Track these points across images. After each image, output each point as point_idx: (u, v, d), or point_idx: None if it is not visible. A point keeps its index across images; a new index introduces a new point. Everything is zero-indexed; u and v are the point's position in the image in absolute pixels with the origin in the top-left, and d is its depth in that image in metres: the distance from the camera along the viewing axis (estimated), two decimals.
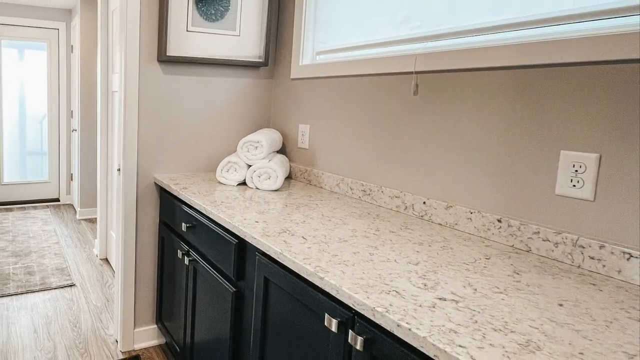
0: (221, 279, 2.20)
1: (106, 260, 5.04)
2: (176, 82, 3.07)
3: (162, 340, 3.33)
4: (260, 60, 3.21)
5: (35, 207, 7.14)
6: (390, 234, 1.89)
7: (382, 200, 2.39)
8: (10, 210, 6.91)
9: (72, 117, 7.22)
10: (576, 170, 1.58)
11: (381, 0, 2.46)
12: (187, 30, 2.95)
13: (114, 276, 4.58)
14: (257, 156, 2.81)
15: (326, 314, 1.42)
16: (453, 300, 1.27)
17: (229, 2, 3.01)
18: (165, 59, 2.94)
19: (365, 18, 2.58)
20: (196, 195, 2.47)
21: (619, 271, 1.47)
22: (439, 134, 2.12)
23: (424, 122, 2.18)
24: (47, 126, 7.33)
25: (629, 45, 1.43)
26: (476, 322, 1.14)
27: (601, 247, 1.51)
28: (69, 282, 4.34)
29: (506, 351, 1.02)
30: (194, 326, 2.56)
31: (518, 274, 1.50)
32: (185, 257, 2.56)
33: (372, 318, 1.22)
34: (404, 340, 1.17)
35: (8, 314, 3.67)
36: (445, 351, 1.02)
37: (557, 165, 1.65)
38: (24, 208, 7.06)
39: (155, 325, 3.29)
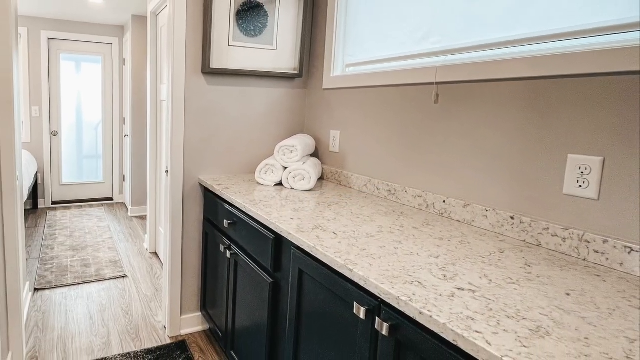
0: (260, 271, 2.22)
1: (155, 253, 5.06)
2: (219, 92, 3.09)
3: (206, 327, 3.35)
4: (295, 72, 3.21)
5: (91, 206, 7.18)
6: (413, 230, 1.89)
7: (405, 199, 2.39)
8: (69, 208, 6.96)
9: (124, 124, 7.25)
10: (582, 172, 1.58)
11: (404, 17, 2.46)
12: (228, 45, 2.97)
13: (162, 268, 4.60)
14: (292, 159, 2.82)
15: (355, 303, 1.44)
16: (470, 290, 1.28)
17: (267, 19, 3.03)
18: (208, 71, 2.97)
19: (390, 34, 2.56)
20: (237, 195, 2.49)
21: (621, 264, 1.47)
22: (457, 139, 2.11)
23: (444, 128, 2.18)
24: (102, 132, 7.36)
25: (631, 58, 1.43)
26: (491, 310, 1.15)
27: (605, 241, 1.51)
28: (121, 274, 4.37)
29: (518, 336, 1.03)
30: (235, 313, 2.57)
31: (529, 266, 1.50)
32: (227, 251, 2.58)
33: (396, 306, 1.24)
34: (425, 327, 1.18)
35: (66, 303, 3.73)
36: (463, 336, 1.03)
37: (564, 167, 1.65)
38: (80, 206, 7.10)
39: (200, 313, 3.32)
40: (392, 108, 2.52)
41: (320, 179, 3.16)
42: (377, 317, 1.34)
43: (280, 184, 2.89)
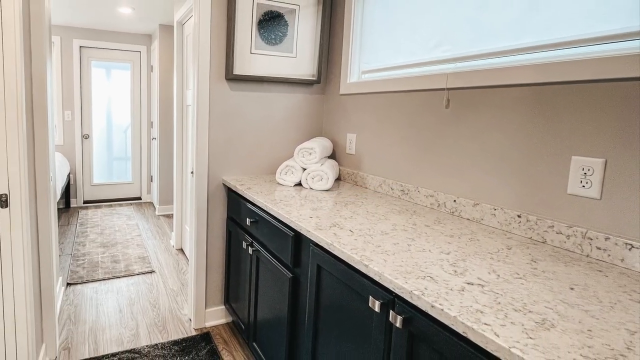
0: (280, 266, 2.23)
1: (181, 250, 5.08)
2: (241, 97, 3.11)
3: (229, 319, 3.37)
4: (314, 79, 3.22)
5: (120, 205, 7.24)
6: (426, 228, 1.89)
7: (418, 199, 2.39)
8: (99, 207, 7.02)
9: (152, 127, 7.29)
10: (585, 173, 1.58)
11: (417, 27, 2.46)
12: (250, 53, 2.99)
13: (188, 264, 4.62)
14: (311, 161, 2.84)
15: (370, 297, 1.45)
16: (479, 284, 1.28)
17: (287, 28, 3.05)
18: (232, 77, 2.98)
19: (403, 42, 2.57)
20: (259, 195, 2.51)
21: (622, 260, 1.47)
22: (467, 142, 2.12)
23: (454, 131, 2.19)
24: (131, 135, 7.44)
25: (632, 65, 1.43)
26: (499, 303, 1.16)
27: (606, 239, 1.52)
28: (149, 269, 4.41)
29: (525, 328, 1.03)
30: (257, 307, 2.59)
31: (535, 262, 1.50)
32: (249, 248, 2.60)
33: (409, 300, 1.24)
34: (437, 319, 1.19)
35: (97, 297, 3.77)
36: (472, 328, 1.04)
37: (568, 168, 1.66)
38: (111, 205, 7.17)
39: (224, 306, 3.34)
40: (406, 112, 2.52)
41: (338, 179, 3.16)
42: (391, 310, 1.35)
43: (299, 184, 2.90)
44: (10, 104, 2.01)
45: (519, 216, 1.83)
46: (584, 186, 1.60)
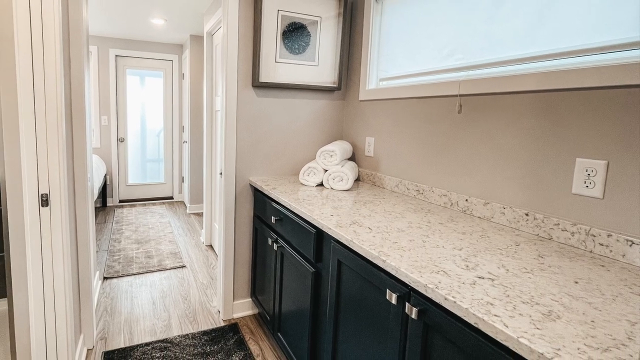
0: (303, 262, 2.24)
1: (210, 246, 5.10)
2: (266, 103, 3.13)
3: (256, 311, 3.39)
4: (335, 86, 3.24)
5: (153, 204, 7.29)
6: (439, 225, 1.90)
7: (432, 198, 2.40)
8: (134, 206, 7.08)
9: (183, 131, 7.33)
10: (589, 174, 1.59)
11: (431, 37, 2.47)
12: (275, 62, 3.02)
13: (217, 259, 4.63)
14: (332, 162, 2.86)
15: (387, 290, 1.46)
16: (489, 278, 1.29)
17: (309, 38, 3.07)
18: (258, 85, 3.01)
19: (418, 51, 2.58)
20: (283, 194, 2.53)
21: (623, 255, 1.48)
22: (478, 144, 2.12)
23: (466, 135, 2.19)
24: (163, 138, 7.49)
25: (632, 73, 1.44)
26: (508, 296, 1.17)
27: (609, 235, 1.52)
28: (180, 264, 4.42)
29: (532, 319, 1.04)
30: (281, 299, 2.60)
31: (542, 257, 1.51)
32: (274, 244, 2.62)
33: (424, 293, 1.26)
34: (450, 311, 1.20)
35: (132, 290, 3.80)
36: (483, 319, 1.05)
37: (573, 169, 1.66)
38: (144, 204, 7.23)
39: (250, 299, 3.37)
40: (421, 117, 2.53)
41: (357, 180, 3.16)
42: (407, 303, 1.36)
43: (321, 184, 2.91)
44: (50, 109, 2.02)
45: (526, 214, 1.83)
46: (587, 186, 1.60)
